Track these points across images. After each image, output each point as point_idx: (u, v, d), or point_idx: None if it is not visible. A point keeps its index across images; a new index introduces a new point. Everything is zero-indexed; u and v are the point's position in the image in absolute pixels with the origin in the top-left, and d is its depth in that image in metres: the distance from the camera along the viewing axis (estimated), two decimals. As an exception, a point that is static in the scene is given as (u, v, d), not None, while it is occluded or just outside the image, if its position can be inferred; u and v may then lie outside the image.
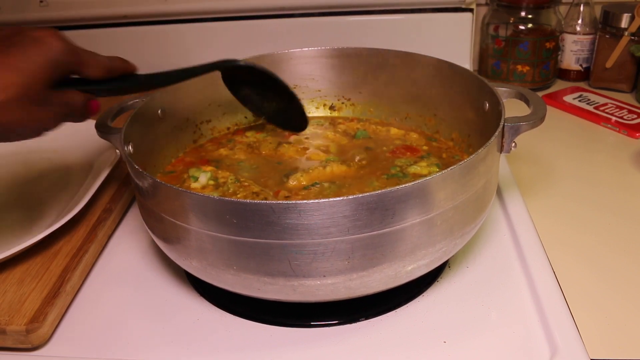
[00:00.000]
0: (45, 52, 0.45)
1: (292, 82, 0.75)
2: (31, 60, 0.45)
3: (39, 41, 0.46)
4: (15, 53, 0.44)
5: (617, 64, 0.95)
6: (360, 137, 0.71)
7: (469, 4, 0.99)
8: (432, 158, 0.65)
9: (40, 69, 0.45)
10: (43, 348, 0.52)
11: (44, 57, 0.45)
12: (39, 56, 0.45)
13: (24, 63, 0.44)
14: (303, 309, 0.54)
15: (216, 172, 0.61)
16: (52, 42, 0.46)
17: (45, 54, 0.45)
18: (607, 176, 0.75)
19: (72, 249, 0.60)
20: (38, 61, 0.45)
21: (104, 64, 0.51)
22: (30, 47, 0.45)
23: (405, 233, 0.46)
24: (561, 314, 0.51)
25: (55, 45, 0.46)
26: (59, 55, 0.46)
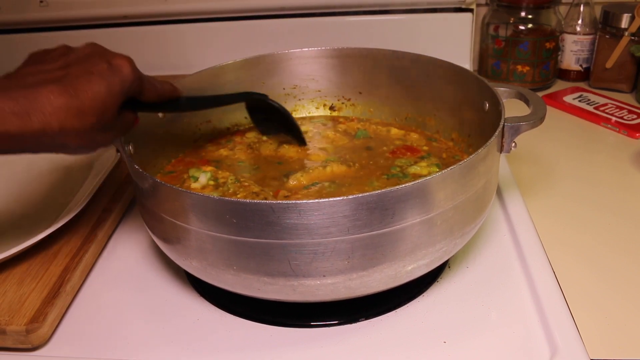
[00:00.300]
0: (121, 81, 0.47)
1: (292, 82, 0.76)
2: (111, 89, 0.46)
3: (117, 70, 0.47)
4: (94, 80, 0.45)
5: (617, 64, 0.95)
6: (360, 137, 0.71)
7: (469, 4, 0.99)
8: (432, 158, 0.65)
9: (115, 97, 0.46)
10: (43, 348, 0.52)
11: (119, 85, 0.47)
12: (115, 84, 0.46)
13: (103, 93, 0.45)
14: (303, 309, 0.54)
15: (216, 172, 0.62)
16: (128, 71, 0.47)
17: (121, 83, 0.47)
18: (607, 176, 0.75)
19: (72, 249, 0.60)
20: (114, 89, 0.46)
21: (157, 91, 0.53)
22: (110, 76, 0.46)
23: (405, 233, 0.46)
24: (561, 314, 0.51)
25: (129, 76, 0.47)
26: (131, 84, 0.48)
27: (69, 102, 0.43)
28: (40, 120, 0.42)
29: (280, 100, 0.76)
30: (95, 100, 0.45)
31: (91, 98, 0.44)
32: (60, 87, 0.43)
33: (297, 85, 0.76)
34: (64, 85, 0.44)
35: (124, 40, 1.05)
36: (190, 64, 0.97)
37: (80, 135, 0.45)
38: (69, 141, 0.45)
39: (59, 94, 0.43)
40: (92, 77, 0.45)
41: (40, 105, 0.42)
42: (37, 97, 0.42)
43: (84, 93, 0.44)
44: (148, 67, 1.14)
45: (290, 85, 0.76)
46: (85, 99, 0.44)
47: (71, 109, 0.43)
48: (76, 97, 0.44)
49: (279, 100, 0.76)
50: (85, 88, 0.44)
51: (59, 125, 0.43)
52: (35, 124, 0.42)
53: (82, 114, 0.44)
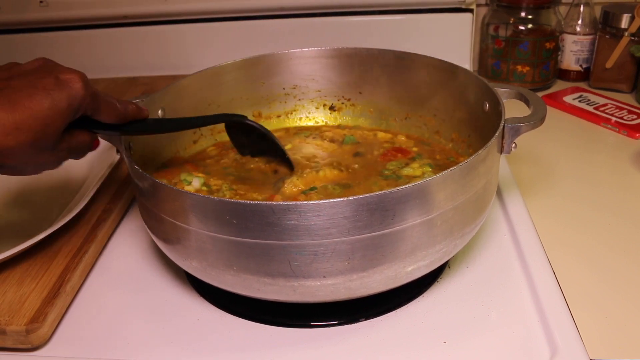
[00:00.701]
0: (68, 97, 0.43)
1: (292, 82, 0.76)
2: (54, 105, 0.42)
3: (65, 85, 0.43)
4: (37, 96, 0.41)
5: (617, 64, 0.95)
6: (348, 142, 0.70)
7: (469, 4, 0.99)
8: (424, 159, 0.65)
9: (59, 115, 0.43)
10: (43, 348, 0.52)
11: (66, 102, 0.43)
12: (62, 101, 0.43)
13: (45, 109, 0.42)
14: (303, 309, 0.54)
15: (208, 179, 0.61)
16: (77, 88, 0.44)
17: (68, 100, 0.43)
18: (607, 176, 0.75)
19: (72, 249, 0.60)
20: (60, 106, 0.43)
21: (118, 112, 0.49)
22: (55, 91, 0.43)
23: (405, 234, 0.46)
24: (561, 314, 0.51)
25: (79, 93, 0.44)
26: (80, 101, 0.44)
27: (2, 117, 0.39)
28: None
29: (280, 101, 0.76)
30: (33, 117, 0.41)
31: (30, 114, 0.40)
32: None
33: (297, 85, 0.76)
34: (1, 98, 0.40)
35: (124, 40, 1.05)
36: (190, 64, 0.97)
37: (15, 154, 0.41)
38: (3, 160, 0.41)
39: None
40: (35, 91, 0.42)
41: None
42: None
43: (23, 108, 0.40)
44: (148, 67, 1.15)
45: (290, 85, 0.76)
46: (22, 114, 0.40)
47: (5, 125, 0.40)
48: (12, 112, 0.40)
49: (279, 100, 0.76)
50: (24, 103, 0.41)
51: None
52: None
53: (18, 130, 0.40)
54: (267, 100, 0.76)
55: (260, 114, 0.76)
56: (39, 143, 0.42)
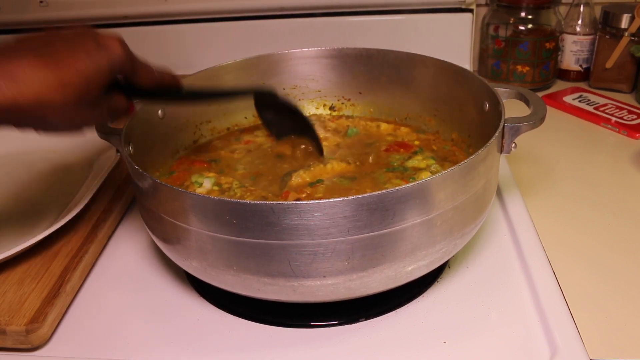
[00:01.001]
0: (108, 58, 0.46)
1: (292, 82, 0.76)
2: (94, 64, 0.44)
3: (104, 47, 0.46)
4: (78, 55, 0.44)
5: (617, 64, 0.95)
6: (351, 134, 0.71)
7: (469, 4, 0.99)
8: (426, 152, 0.65)
9: (100, 74, 0.45)
10: (43, 348, 0.52)
11: (106, 63, 0.45)
12: (100, 61, 0.45)
13: (87, 67, 0.44)
14: (303, 310, 0.54)
15: (219, 178, 0.61)
16: (115, 48, 0.46)
17: (108, 60, 0.46)
18: (607, 176, 0.75)
19: (72, 249, 0.60)
20: (100, 66, 0.45)
21: (154, 77, 0.52)
22: (95, 51, 0.45)
23: (405, 233, 0.46)
24: (561, 314, 0.51)
25: (118, 53, 0.46)
26: (120, 63, 0.47)
27: (48, 74, 0.42)
28: (15, 91, 0.40)
29: (280, 101, 0.76)
30: (76, 74, 0.43)
31: (73, 71, 0.43)
32: (40, 59, 0.42)
33: (297, 85, 0.76)
34: (45, 57, 0.42)
35: (124, 40, 1.05)
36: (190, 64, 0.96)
37: (60, 110, 0.43)
38: (48, 115, 0.43)
39: (37, 65, 0.42)
40: (76, 51, 0.44)
41: (15, 75, 0.41)
42: (11, 67, 0.41)
43: (66, 66, 0.43)
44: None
45: (290, 86, 0.76)
46: (66, 72, 0.43)
47: (50, 81, 0.42)
48: (56, 69, 0.42)
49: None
50: (67, 61, 0.43)
51: (34, 96, 0.41)
52: (8, 94, 0.40)
53: (62, 86, 0.42)
54: (267, 100, 0.76)
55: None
56: (82, 99, 0.44)
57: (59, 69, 0.42)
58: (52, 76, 0.42)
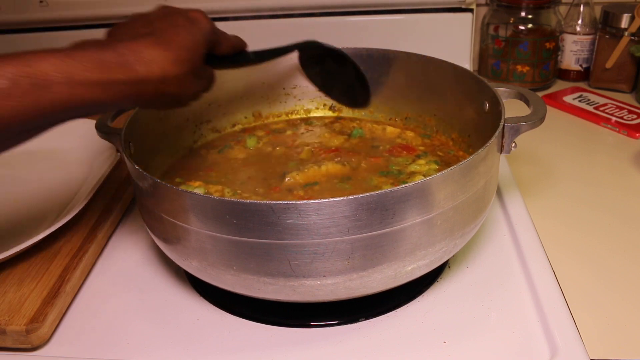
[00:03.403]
0: (201, 31, 0.50)
1: (292, 82, 0.76)
2: (195, 38, 0.49)
3: (195, 21, 0.50)
4: (182, 33, 0.48)
5: (617, 64, 0.95)
6: (356, 135, 0.71)
7: (469, 4, 0.99)
8: (430, 156, 0.65)
9: (200, 46, 0.50)
10: (43, 348, 0.52)
11: (201, 35, 0.50)
12: (198, 35, 0.49)
13: (190, 42, 0.48)
14: (303, 309, 0.54)
15: (207, 186, 0.61)
16: (204, 22, 0.51)
17: (202, 32, 0.50)
18: (607, 176, 0.75)
19: (72, 249, 0.60)
20: (198, 39, 0.49)
21: (230, 41, 0.56)
22: (191, 26, 0.49)
23: (405, 233, 0.46)
24: (561, 314, 0.51)
25: (206, 25, 0.51)
26: (210, 34, 0.51)
27: (164, 51, 0.46)
28: (144, 69, 0.45)
29: (280, 100, 0.76)
30: (185, 49, 0.48)
31: (182, 47, 0.47)
32: (154, 39, 0.46)
33: (297, 85, 0.76)
34: (157, 37, 0.47)
35: (124, 40, 1.05)
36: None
37: (178, 82, 0.47)
38: (169, 88, 0.47)
39: (154, 44, 0.46)
40: (178, 29, 0.48)
41: (141, 55, 0.45)
42: (136, 48, 0.45)
43: (175, 43, 0.47)
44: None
45: (290, 85, 0.76)
46: (177, 48, 0.47)
47: (168, 57, 0.46)
48: (170, 48, 0.46)
49: (279, 100, 0.76)
50: (175, 38, 0.47)
51: (160, 71, 0.45)
52: (140, 71, 0.44)
53: (178, 61, 0.47)
54: (267, 100, 0.76)
55: (261, 114, 0.76)
56: (194, 70, 0.49)
57: (171, 47, 0.47)
58: (168, 53, 0.46)
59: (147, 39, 0.46)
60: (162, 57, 0.46)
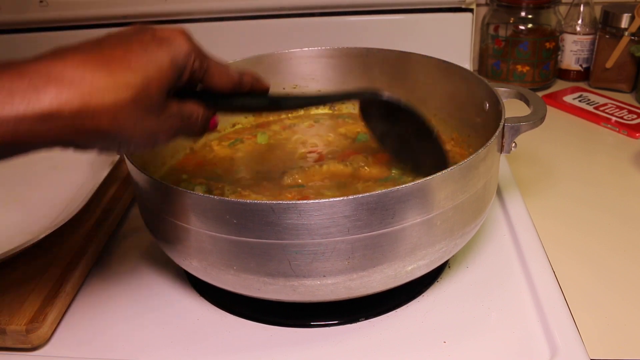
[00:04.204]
0: (170, 53, 0.39)
1: (292, 82, 0.76)
2: (153, 60, 0.38)
3: (165, 41, 0.39)
4: (137, 51, 0.37)
5: (617, 64, 0.95)
6: (361, 140, 0.70)
7: (469, 4, 0.99)
8: None
9: (161, 71, 0.38)
10: (43, 348, 0.52)
11: (167, 58, 0.39)
12: (162, 57, 0.38)
13: (145, 63, 0.37)
14: (303, 309, 0.54)
15: (209, 184, 0.61)
16: (179, 43, 0.40)
17: (170, 55, 0.39)
18: (607, 176, 0.75)
19: (72, 249, 0.60)
20: (160, 62, 0.38)
21: (232, 77, 0.45)
22: (154, 46, 0.38)
23: (405, 233, 0.46)
24: (561, 314, 0.51)
25: (182, 47, 0.40)
26: (185, 58, 0.40)
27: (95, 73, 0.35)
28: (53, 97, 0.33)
29: (280, 100, 0.76)
30: (131, 72, 0.36)
31: (126, 69, 0.36)
32: (84, 56, 0.35)
33: (297, 85, 0.76)
34: (91, 54, 0.36)
35: (124, 40, 1.05)
36: (190, 64, 0.96)
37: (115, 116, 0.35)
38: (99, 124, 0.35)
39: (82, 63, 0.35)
40: (131, 46, 0.37)
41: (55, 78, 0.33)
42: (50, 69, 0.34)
43: (118, 63, 0.36)
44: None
45: (290, 85, 0.76)
46: (118, 70, 0.36)
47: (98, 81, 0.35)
48: (106, 68, 0.35)
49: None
50: (119, 58, 0.36)
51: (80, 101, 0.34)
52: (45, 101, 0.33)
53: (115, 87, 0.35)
54: (267, 100, 0.76)
55: (261, 114, 0.76)
56: (142, 102, 0.37)
57: (109, 68, 0.35)
58: (101, 75, 0.35)
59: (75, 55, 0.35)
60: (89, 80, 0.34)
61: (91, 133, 0.35)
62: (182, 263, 0.52)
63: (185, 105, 0.42)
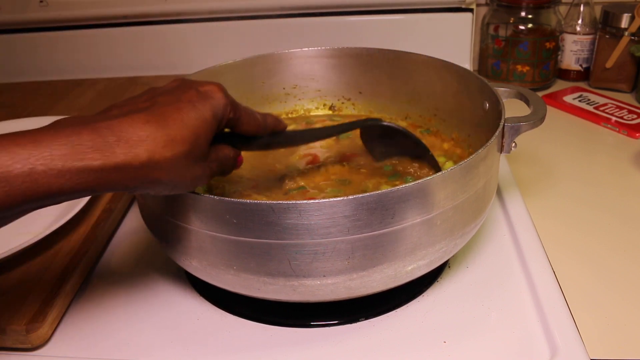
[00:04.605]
0: (212, 108, 0.44)
1: (292, 82, 0.76)
2: (199, 116, 0.42)
3: (207, 96, 0.44)
4: (184, 108, 0.42)
5: (617, 64, 0.95)
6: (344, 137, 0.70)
7: (469, 4, 0.99)
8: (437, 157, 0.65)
9: (207, 125, 0.43)
10: (43, 348, 0.52)
11: (210, 113, 0.43)
12: (206, 112, 0.43)
13: (195, 119, 0.42)
14: (303, 309, 0.54)
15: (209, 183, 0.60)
16: (219, 98, 0.44)
17: (212, 110, 0.44)
18: (607, 176, 0.75)
19: (72, 249, 0.60)
20: (205, 117, 0.43)
21: (258, 122, 0.49)
22: (199, 102, 0.43)
23: (405, 233, 0.46)
24: (561, 314, 0.51)
25: (221, 102, 0.44)
26: (224, 112, 0.45)
27: (156, 131, 0.40)
28: (126, 152, 0.38)
29: (280, 100, 0.76)
30: (185, 128, 0.41)
31: (181, 126, 0.41)
32: (146, 116, 0.40)
33: (297, 85, 0.76)
34: (151, 114, 0.40)
35: (123, 40, 1.05)
36: (190, 64, 0.97)
37: (172, 167, 0.41)
38: (160, 175, 0.40)
39: (146, 122, 0.40)
40: (181, 104, 0.42)
41: (125, 135, 0.38)
42: (121, 127, 0.39)
43: (173, 121, 0.41)
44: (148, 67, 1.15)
45: (290, 85, 0.76)
46: (174, 127, 0.41)
47: (160, 138, 0.40)
48: (165, 126, 0.40)
49: (279, 100, 0.76)
50: (174, 116, 0.41)
51: (147, 155, 0.39)
52: (120, 155, 0.38)
53: (173, 142, 0.40)
54: (267, 100, 0.76)
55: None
56: (193, 153, 0.42)
57: (167, 125, 0.40)
58: (161, 133, 0.40)
59: (138, 115, 0.40)
60: (152, 138, 0.39)
61: (152, 181, 0.41)
62: (182, 263, 0.52)
63: (221, 150, 0.47)
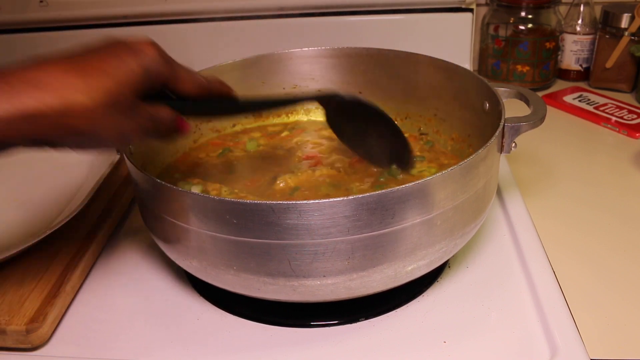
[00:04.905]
0: (139, 59, 0.43)
1: (292, 82, 0.76)
2: (124, 66, 0.42)
3: (134, 49, 0.44)
4: (108, 59, 0.42)
5: (617, 64, 0.95)
6: None
7: (469, 4, 0.99)
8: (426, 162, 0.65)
9: (132, 76, 0.42)
10: (43, 348, 0.52)
11: (137, 64, 0.43)
12: (132, 63, 0.43)
13: (116, 69, 0.42)
14: (303, 309, 0.54)
15: (205, 184, 0.61)
16: (147, 50, 0.44)
17: (139, 61, 0.43)
18: (607, 176, 0.75)
19: (72, 249, 0.60)
20: (131, 68, 0.42)
21: (199, 82, 0.49)
22: (124, 54, 0.43)
23: (405, 233, 0.46)
24: (561, 314, 0.51)
25: (150, 54, 0.44)
26: (153, 64, 0.44)
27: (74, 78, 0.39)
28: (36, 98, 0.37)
29: (280, 100, 0.76)
30: (106, 77, 0.41)
31: (101, 74, 0.40)
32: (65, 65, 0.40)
33: (297, 85, 0.76)
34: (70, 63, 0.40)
35: (124, 40, 1.05)
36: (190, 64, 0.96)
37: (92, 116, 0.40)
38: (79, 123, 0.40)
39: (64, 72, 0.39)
40: (105, 56, 0.42)
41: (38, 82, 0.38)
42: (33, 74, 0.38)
43: (94, 69, 0.40)
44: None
45: (290, 85, 0.76)
46: (94, 75, 0.40)
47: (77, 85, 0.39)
48: (84, 75, 0.40)
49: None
50: (95, 65, 0.41)
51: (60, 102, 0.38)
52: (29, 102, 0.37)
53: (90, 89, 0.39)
54: (267, 100, 0.76)
55: (260, 114, 0.76)
56: (116, 104, 0.41)
57: (87, 74, 0.40)
58: (79, 80, 0.39)
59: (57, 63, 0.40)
60: (67, 84, 0.39)
61: (69, 131, 0.40)
62: (182, 263, 0.52)
63: (155, 108, 0.46)
